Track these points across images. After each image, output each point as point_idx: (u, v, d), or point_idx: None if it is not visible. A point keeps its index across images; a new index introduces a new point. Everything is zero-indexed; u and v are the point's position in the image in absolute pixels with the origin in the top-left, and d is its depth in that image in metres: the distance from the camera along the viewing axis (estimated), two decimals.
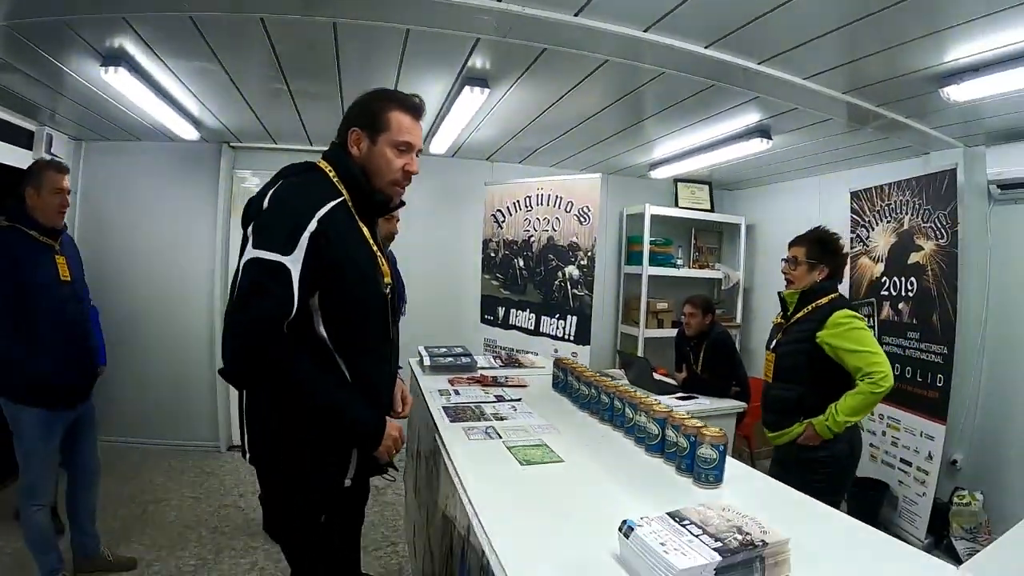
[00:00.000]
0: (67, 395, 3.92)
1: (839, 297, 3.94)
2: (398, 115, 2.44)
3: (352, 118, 2.48)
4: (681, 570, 1.36)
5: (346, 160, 2.43)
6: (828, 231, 4.04)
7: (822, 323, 3.75)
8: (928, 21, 3.25)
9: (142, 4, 3.46)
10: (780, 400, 3.96)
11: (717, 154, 6.33)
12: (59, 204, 3.86)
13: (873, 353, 3.65)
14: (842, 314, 3.72)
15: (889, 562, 1.78)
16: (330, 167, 2.42)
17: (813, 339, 3.76)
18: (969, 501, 5.15)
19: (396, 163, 2.46)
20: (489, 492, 2.06)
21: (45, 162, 4.02)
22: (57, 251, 3.90)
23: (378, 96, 2.50)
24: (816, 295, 3.90)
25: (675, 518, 1.58)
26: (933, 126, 5.06)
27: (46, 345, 3.74)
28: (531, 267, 6.73)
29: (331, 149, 2.50)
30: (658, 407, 2.56)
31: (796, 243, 4.04)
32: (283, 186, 2.29)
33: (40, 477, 3.86)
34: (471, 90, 4.60)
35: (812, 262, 3.93)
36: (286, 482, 2.38)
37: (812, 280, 3.94)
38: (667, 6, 3.29)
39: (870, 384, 3.60)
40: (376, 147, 2.44)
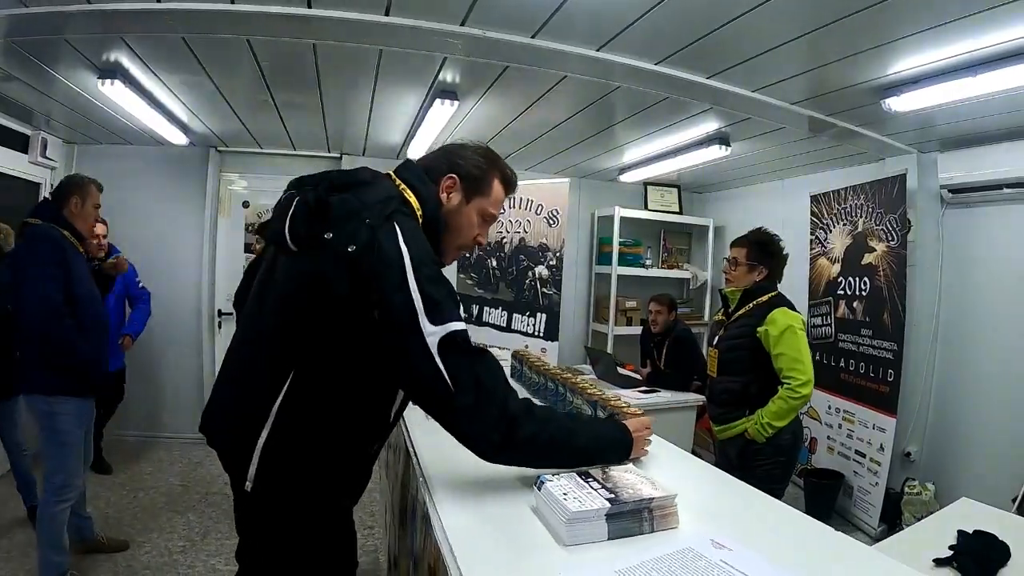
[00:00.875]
0: (100, 382, 4.11)
1: (778, 295, 4.10)
2: (499, 186, 2.26)
3: (454, 165, 2.19)
4: (573, 512, 1.61)
5: (436, 208, 2.13)
6: (768, 233, 4.21)
7: (762, 319, 3.96)
8: (869, 38, 3.49)
9: (138, 25, 3.67)
10: (725, 392, 4.17)
11: (682, 159, 6.58)
12: (95, 219, 4.13)
13: (796, 360, 3.85)
14: (780, 312, 3.94)
15: (770, 518, 1.99)
16: (419, 207, 2.09)
17: (753, 334, 3.98)
18: (920, 491, 5.39)
19: (475, 230, 2.27)
20: (437, 459, 2.30)
21: (90, 178, 4.16)
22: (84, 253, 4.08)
23: (488, 156, 2.28)
24: (756, 294, 4.11)
25: (582, 476, 1.85)
26: (886, 133, 5.29)
27: (90, 337, 3.89)
28: (503, 267, 6.92)
29: (421, 181, 2.14)
30: (592, 391, 2.79)
31: (737, 244, 4.23)
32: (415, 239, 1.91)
33: (74, 471, 3.96)
34: (441, 103, 4.85)
35: (752, 264, 4.13)
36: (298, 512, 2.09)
37: (751, 280, 4.15)
38: (615, 28, 3.58)
39: (787, 391, 3.83)
40: (467, 207, 2.21)
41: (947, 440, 5.60)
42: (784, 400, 3.83)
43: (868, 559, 1.71)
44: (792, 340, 3.88)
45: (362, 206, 1.91)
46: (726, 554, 1.54)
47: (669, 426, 5.09)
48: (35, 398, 3.86)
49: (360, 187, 2.02)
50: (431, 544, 1.82)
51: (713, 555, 1.54)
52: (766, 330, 3.93)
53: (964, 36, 3.38)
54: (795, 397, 3.81)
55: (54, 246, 3.83)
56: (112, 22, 3.61)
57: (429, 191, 2.13)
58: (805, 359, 3.88)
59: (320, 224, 1.87)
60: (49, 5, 3.42)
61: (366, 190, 2.01)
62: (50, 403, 3.83)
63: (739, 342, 4.09)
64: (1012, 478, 4.62)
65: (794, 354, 3.86)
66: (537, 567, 1.52)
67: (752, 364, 4.03)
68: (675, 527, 1.76)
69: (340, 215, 1.88)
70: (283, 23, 3.60)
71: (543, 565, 1.52)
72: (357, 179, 2.07)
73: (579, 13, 3.40)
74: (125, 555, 4.63)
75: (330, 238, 1.85)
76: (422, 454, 2.39)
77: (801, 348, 3.89)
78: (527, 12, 3.44)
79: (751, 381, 4.04)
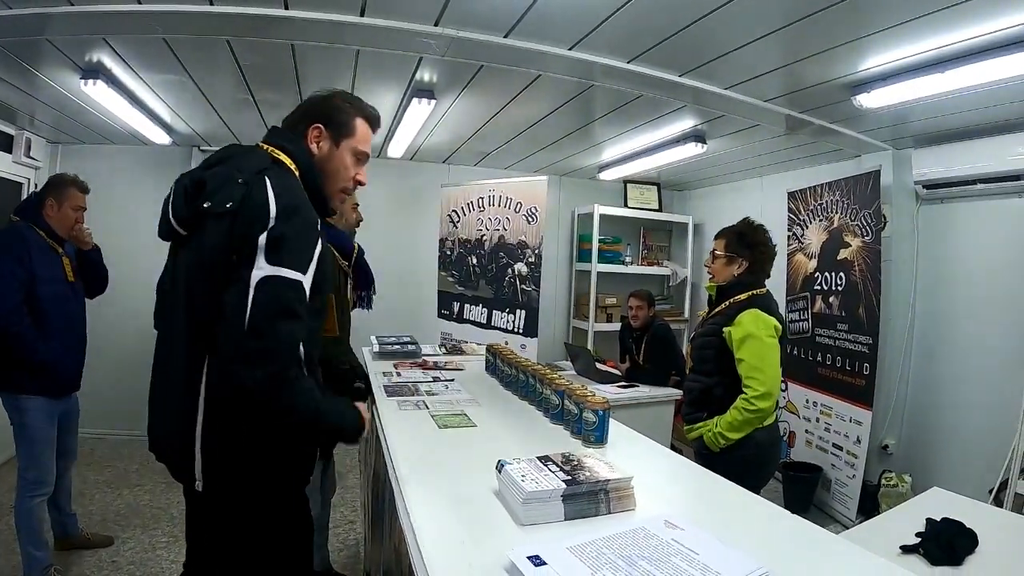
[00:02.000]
0: (67, 383, 4.14)
1: (757, 296, 3.73)
2: (363, 124, 2.36)
3: (316, 114, 2.30)
4: (528, 492, 1.68)
5: (309, 160, 2.24)
6: (751, 223, 3.92)
7: (732, 318, 3.64)
8: (840, 35, 3.53)
9: (119, 26, 3.71)
10: (690, 391, 3.95)
11: (660, 157, 6.65)
12: (75, 220, 4.13)
13: (756, 368, 3.53)
14: (748, 315, 3.60)
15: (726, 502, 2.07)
16: (293, 164, 2.18)
17: (721, 332, 3.67)
18: (897, 483, 5.46)
19: (351, 171, 2.36)
20: (407, 448, 2.36)
21: (71, 178, 4.21)
22: (62, 253, 4.13)
23: (345, 98, 2.39)
24: (734, 291, 3.78)
25: (542, 460, 1.90)
26: (861, 130, 5.37)
27: (52, 334, 3.93)
28: (483, 264, 7.02)
29: (289, 141, 2.24)
30: (560, 381, 2.85)
31: (718, 236, 3.95)
32: (285, 189, 2.00)
33: (46, 467, 4.00)
34: (419, 101, 4.90)
35: (730, 255, 3.82)
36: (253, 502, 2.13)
37: (731, 274, 3.82)
38: (587, 27, 3.63)
39: (743, 401, 3.52)
40: (337, 151, 2.31)
41: (924, 432, 5.68)
42: (739, 411, 3.53)
43: (821, 540, 1.77)
44: (754, 347, 3.56)
45: (236, 171, 2.03)
46: (678, 533, 1.59)
47: (647, 420, 5.17)
48: (4, 395, 3.95)
49: (232, 159, 2.13)
50: (395, 525, 1.87)
51: (665, 534, 1.59)
52: (730, 332, 3.63)
53: (931, 33, 3.42)
54: (749, 409, 3.49)
55: (17, 244, 3.88)
56: (94, 23, 3.65)
57: (298, 147, 2.24)
58: (767, 369, 3.54)
59: (198, 199, 2.00)
60: (32, 6, 3.45)
61: (239, 160, 2.11)
62: (18, 400, 3.92)
63: (708, 340, 3.79)
64: (988, 469, 4.71)
65: (754, 362, 3.54)
66: (493, 545, 1.57)
67: (718, 365, 3.71)
68: (632, 509, 1.83)
69: (215, 185, 2.00)
70: (261, 24, 3.64)
71: (500, 543, 1.57)
72: (229, 154, 2.18)
73: (551, 12, 3.45)
74: (109, 551, 4.66)
75: (209, 206, 1.97)
76: (391, 442, 2.45)
77: (764, 356, 3.56)
78: (499, 12, 3.49)
79: (717, 383, 3.73)
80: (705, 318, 3.97)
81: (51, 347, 3.92)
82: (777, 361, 3.61)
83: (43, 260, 3.97)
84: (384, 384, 3.48)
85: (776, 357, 3.60)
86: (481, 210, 7.11)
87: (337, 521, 5.28)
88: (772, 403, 3.53)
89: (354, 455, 6.32)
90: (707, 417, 3.72)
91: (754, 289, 3.75)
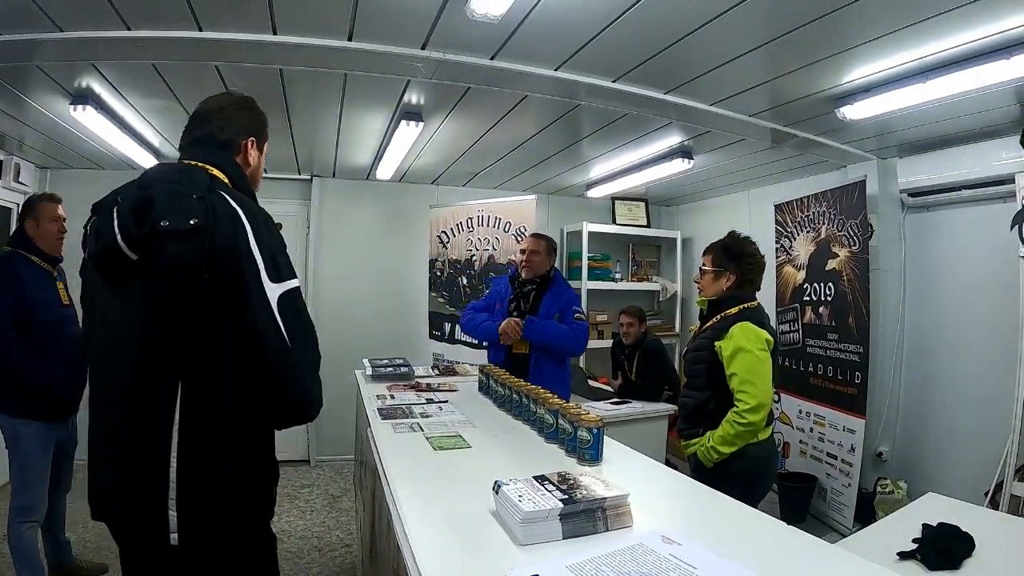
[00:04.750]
0: (63, 409, 4.11)
1: (748, 309, 3.69)
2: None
3: (247, 124, 2.28)
4: (526, 512, 1.69)
5: (243, 174, 2.20)
6: (736, 236, 3.89)
7: (724, 331, 3.59)
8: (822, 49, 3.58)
9: (109, 52, 3.73)
10: (684, 407, 3.90)
11: (647, 173, 6.68)
12: (57, 231, 4.12)
13: (747, 381, 3.47)
14: (739, 328, 3.56)
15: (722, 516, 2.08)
16: (227, 180, 2.11)
17: (712, 347, 3.61)
18: (892, 490, 5.47)
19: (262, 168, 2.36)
20: (403, 470, 2.37)
21: (39, 195, 4.21)
22: (56, 277, 4.15)
23: (253, 102, 2.38)
24: (725, 305, 3.73)
25: (538, 479, 1.91)
26: (845, 141, 5.40)
27: (47, 360, 3.91)
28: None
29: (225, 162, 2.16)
30: (553, 400, 2.87)
31: (706, 251, 3.91)
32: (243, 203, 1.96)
33: (37, 493, 3.98)
34: (407, 124, 4.91)
35: (717, 269, 3.78)
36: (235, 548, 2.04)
37: (719, 288, 3.78)
38: (572, 48, 3.68)
39: (735, 414, 3.46)
40: (260, 156, 2.33)
41: (917, 438, 5.70)
42: (731, 424, 3.47)
43: (819, 551, 1.79)
44: (745, 361, 3.50)
45: (184, 187, 1.92)
46: (675, 548, 1.61)
47: (641, 436, 5.20)
48: (2, 417, 3.94)
49: (170, 179, 1.98)
50: (394, 548, 1.88)
51: (663, 550, 1.60)
52: (721, 345, 3.58)
53: (913, 44, 3.46)
54: (740, 422, 3.43)
55: (5, 271, 3.91)
56: (83, 49, 3.66)
57: (232, 165, 2.17)
58: (758, 382, 3.48)
59: (149, 218, 1.82)
60: (21, 32, 3.46)
61: (179, 178, 1.99)
62: (13, 424, 3.92)
63: (700, 355, 3.73)
64: (983, 473, 4.72)
65: (745, 375, 3.48)
66: (492, 565, 1.58)
67: (711, 379, 3.66)
68: (629, 526, 1.83)
69: (166, 201, 1.85)
70: (249, 49, 3.66)
71: (498, 563, 1.58)
72: (161, 173, 2.02)
73: (536, 34, 3.49)
74: None
75: (167, 224, 1.81)
76: (388, 465, 2.45)
77: (755, 370, 3.50)
78: (485, 35, 3.51)
79: (710, 397, 3.66)
80: (697, 333, 3.93)
81: (46, 372, 3.91)
82: (768, 374, 3.54)
83: (36, 286, 3.98)
84: (378, 407, 3.48)
85: (767, 370, 3.54)
86: (470, 230, 7.11)
87: (333, 544, 5.29)
88: (763, 416, 3.46)
89: (349, 478, 6.31)
90: (702, 432, 3.66)
91: (745, 303, 3.71)
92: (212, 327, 1.85)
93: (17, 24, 3.40)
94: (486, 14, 3.15)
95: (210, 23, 3.44)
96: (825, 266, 6.01)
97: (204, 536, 1.91)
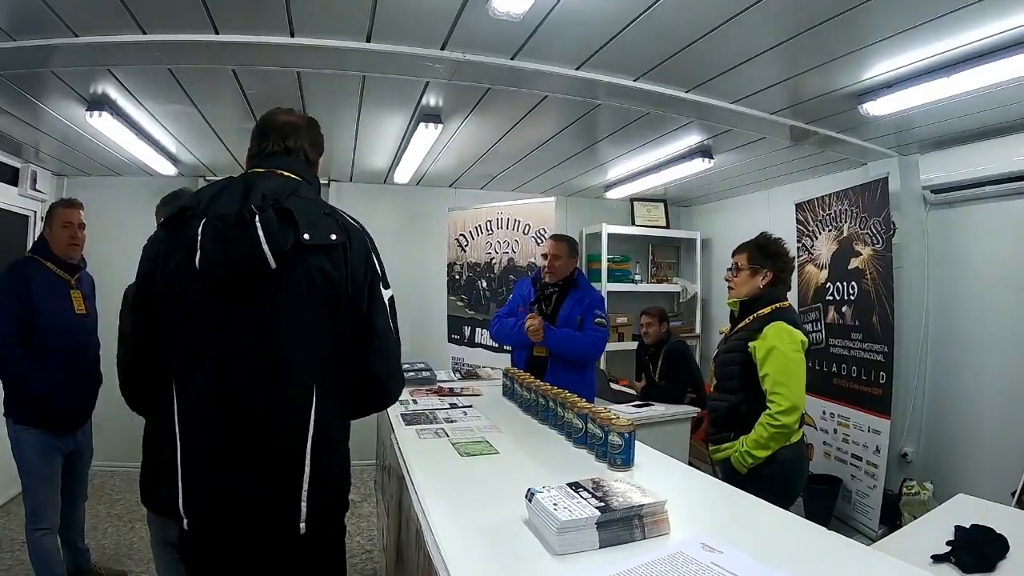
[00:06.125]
0: (66, 420, 4.06)
1: (781, 309, 3.64)
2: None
3: (319, 146, 2.40)
4: (563, 521, 1.64)
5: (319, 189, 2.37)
6: (769, 235, 3.86)
7: (758, 332, 3.53)
8: (843, 45, 3.53)
9: (125, 57, 3.71)
10: (715, 410, 3.83)
11: (666, 174, 6.65)
12: (69, 236, 4.08)
13: (780, 383, 3.41)
14: (773, 328, 3.49)
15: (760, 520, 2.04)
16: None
17: (746, 348, 3.56)
18: (918, 491, 5.36)
19: None
20: (430, 476, 2.33)
21: (57, 201, 4.24)
22: (73, 286, 4.13)
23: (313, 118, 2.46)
24: (758, 304, 3.68)
25: (572, 487, 1.86)
26: (866, 138, 5.34)
27: (50, 370, 3.89)
28: (493, 288, 6.98)
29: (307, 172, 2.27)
30: (582, 404, 2.83)
31: (738, 250, 3.86)
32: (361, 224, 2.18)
33: (41, 501, 3.96)
34: (426, 126, 4.89)
35: (754, 267, 3.73)
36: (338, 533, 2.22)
37: (755, 287, 3.73)
38: (593, 47, 3.65)
39: (767, 416, 3.41)
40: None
41: (943, 439, 5.62)
42: (764, 427, 3.42)
43: (860, 556, 1.75)
44: (778, 361, 3.44)
45: (311, 203, 2.10)
46: (717, 556, 1.56)
47: (665, 439, 5.13)
48: (7, 421, 3.96)
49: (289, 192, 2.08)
50: (424, 558, 1.84)
51: (704, 558, 1.56)
52: (755, 346, 3.51)
53: (935, 38, 3.41)
54: (774, 424, 3.37)
55: (14, 277, 3.90)
56: (99, 54, 3.65)
57: (316, 181, 2.35)
58: (792, 383, 3.42)
59: (293, 231, 1.94)
60: (36, 38, 3.46)
61: (296, 191, 2.11)
62: (16, 431, 3.93)
63: (732, 356, 3.68)
64: (1010, 472, 4.63)
65: (778, 376, 3.42)
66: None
67: (743, 381, 3.59)
68: (667, 533, 1.79)
69: (307, 218, 1.98)
70: (267, 52, 3.64)
71: (534, 574, 1.55)
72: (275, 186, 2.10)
73: (556, 34, 3.46)
74: None
75: (310, 239, 1.96)
76: (414, 472, 2.42)
77: (789, 371, 3.44)
78: (505, 34, 3.49)
79: (742, 400, 3.59)
80: (728, 335, 3.89)
81: (48, 381, 3.90)
82: (802, 375, 3.49)
83: (46, 293, 3.97)
84: (401, 412, 3.46)
85: (800, 371, 3.49)
86: (489, 233, 7.08)
87: (353, 550, 5.25)
88: (796, 418, 3.42)
89: (369, 483, 6.27)
90: (734, 437, 3.60)
91: (778, 302, 3.67)
92: (342, 330, 2.04)
93: (32, 30, 3.40)
94: (508, 12, 3.11)
95: (227, 26, 3.43)
96: (848, 265, 5.94)
97: (327, 523, 2.06)
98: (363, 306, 2.07)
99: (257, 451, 1.96)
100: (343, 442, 2.15)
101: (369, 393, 2.17)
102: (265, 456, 1.96)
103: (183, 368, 2.01)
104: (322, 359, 2.01)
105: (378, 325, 2.10)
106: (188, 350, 2.01)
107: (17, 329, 3.83)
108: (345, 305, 2.03)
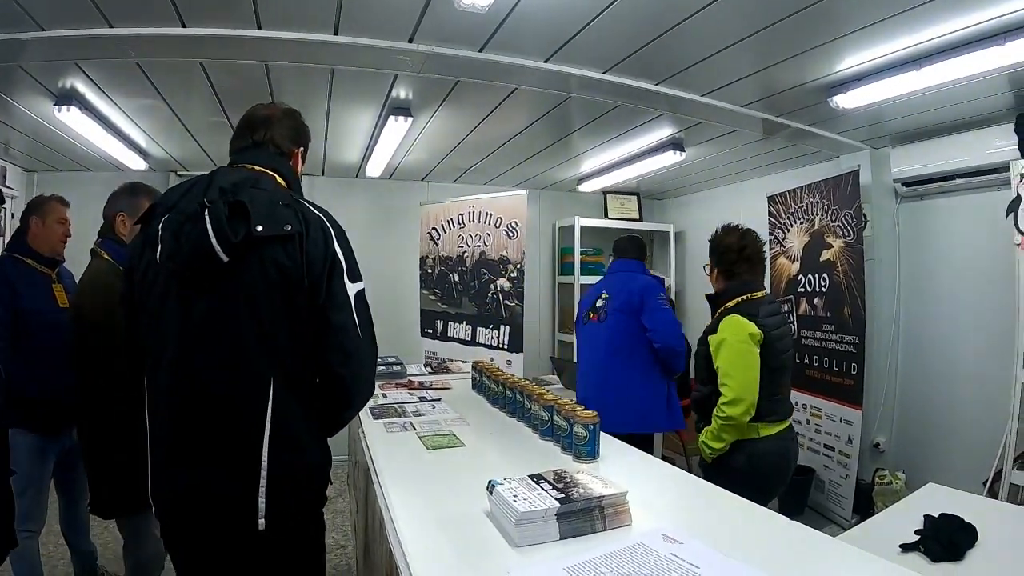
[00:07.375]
0: (56, 419, 3.99)
1: (744, 302, 3.60)
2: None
3: (300, 138, 2.43)
4: (522, 513, 1.65)
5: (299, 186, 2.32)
6: (718, 229, 3.88)
7: (718, 324, 3.57)
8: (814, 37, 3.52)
9: (92, 51, 3.68)
10: (694, 401, 3.83)
11: (639, 166, 6.63)
12: (62, 233, 4.07)
13: (727, 374, 3.42)
14: (726, 321, 3.52)
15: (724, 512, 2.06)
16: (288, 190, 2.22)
17: (707, 341, 3.61)
18: (891, 480, 5.44)
19: None
20: (395, 470, 2.35)
21: (50, 196, 4.18)
22: (55, 280, 4.06)
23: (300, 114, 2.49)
24: (723, 298, 3.71)
25: (534, 478, 1.88)
26: (838, 131, 5.37)
27: (45, 369, 3.84)
28: (465, 281, 6.95)
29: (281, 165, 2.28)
30: (548, 396, 2.84)
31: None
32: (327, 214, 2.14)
33: (32, 503, 3.86)
34: (396, 119, 4.87)
35: (713, 267, 3.83)
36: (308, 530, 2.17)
37: (720, 285, 3.79)
38: (561, 39, 3.63)
39: (716, 408, 3.43)
40: (301, 167, 2.45)
41: (915, 428, 5.68)
42: (714, 419, 3.44)
43: (822, 545, 1.77)
44: (726, 353, 3.46)
45: (268, 194, 2.06)
46: (676, 547, 1.58)
47: None
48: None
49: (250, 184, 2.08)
50: (386, 551, 1.84)
51: (664, 549, 1.57)
52: (711, 339, 3.57)
53: (906, 31, 3.42)
54: (720, 416, 3.38)
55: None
56: (66, 48, 3.62)
57: (291, 172, 2.31)
58: (737, 375, 3.40)
59: (245, 223, 1.92)
60: (2, 33, 3.41)
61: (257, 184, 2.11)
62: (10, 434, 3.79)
63: (700, 349, 3.72)
64: (981, 461, 4.69)
65: (726, 368, 3.43)
66: (488, 568, 1.55)
67: (710, 373, 3.59)
68: (628, 524, 1.80)
69: (259, 207, 1.96)
70: (234, 45, 3.62)
71: (494, 566, 1.55)
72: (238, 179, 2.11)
73: (524, 26, 3.45)
74: None
75: (262, 230, 1.93)
76: (380, 466, 2.43)
77: (734, 363, 3.43)
78: (473, 26, 3.47)
79: (712, 391, 3.55)
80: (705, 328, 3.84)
81: (42, 382, 3.85)
82: (750, 367, 3.41)
83: (31, 292, 3.90)
84: (370, 407, 3.45)
85: (748, 363, 3.42)
86: (461, 227, 7.05)
87: (329, 546, 5.20)
88: (744, 409, 3.34)
89: (343, 478, 6.26)
90: None
91: (745, 294, 3.63)
92: (302, 323, 2.01)
93: None
94: (473, 4, 3.10)
95: (193, 19, 3.39)
96: (819, 257, 5.96)
97: (291, 521, 2.03)
98: (320, 299, 2.01)
99: (214, 443, 1.96)
100: (313, 443, 2.09)
101: (331, 393, 2.11)
102: (221, 448, 1.96)
103: (152, 359, 2.06)
104: (279, 351, 1.98)
105: (334, 319, 2.03)
106: (155, 341, 2.05)
107: (3, 331, 3.77)
108: (302, 297, 1.99)
